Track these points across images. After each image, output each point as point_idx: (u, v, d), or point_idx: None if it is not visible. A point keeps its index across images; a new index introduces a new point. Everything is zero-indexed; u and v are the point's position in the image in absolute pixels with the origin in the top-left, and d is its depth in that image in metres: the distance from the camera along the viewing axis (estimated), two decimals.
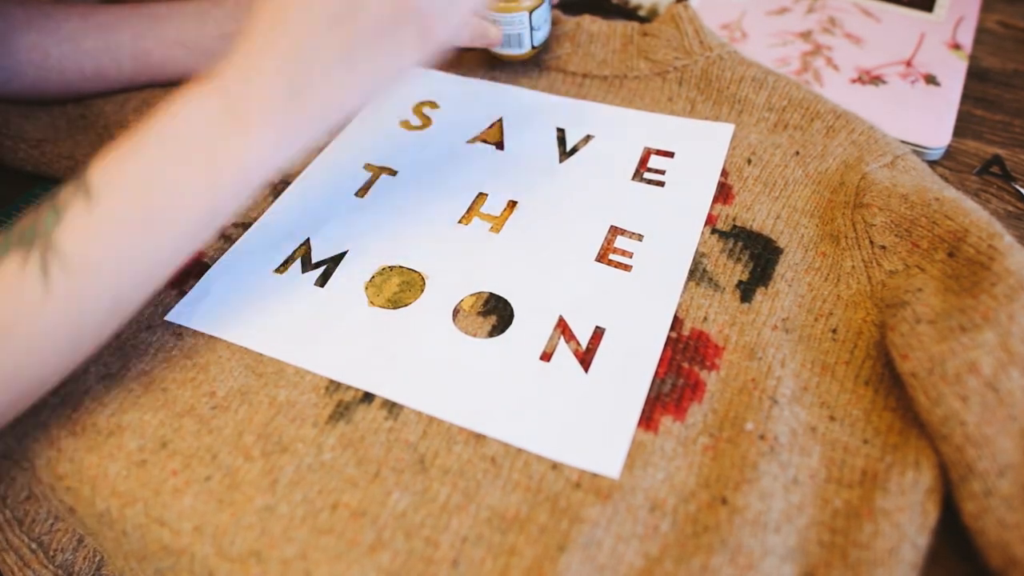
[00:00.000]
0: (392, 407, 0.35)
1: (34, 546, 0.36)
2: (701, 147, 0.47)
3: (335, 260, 0.42)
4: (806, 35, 0.59)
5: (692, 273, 0.40)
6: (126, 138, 0.31)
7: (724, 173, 0.46)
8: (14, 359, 0.29)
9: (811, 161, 0.45)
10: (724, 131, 0.48)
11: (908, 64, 0.56)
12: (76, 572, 0.36)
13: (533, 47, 0.52)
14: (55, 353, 0.30)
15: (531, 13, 0.50)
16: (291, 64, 0.32)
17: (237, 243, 0.44)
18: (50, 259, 0.29)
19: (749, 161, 0.46)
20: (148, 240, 0.31)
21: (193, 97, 0.32)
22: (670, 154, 0.47)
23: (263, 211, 0.46)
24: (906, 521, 0.30)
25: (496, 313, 0.39)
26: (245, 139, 0.32)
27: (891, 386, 0.35)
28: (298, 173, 0.48)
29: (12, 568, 0.36)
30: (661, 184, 0.45)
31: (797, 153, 0.46)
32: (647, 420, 0.34)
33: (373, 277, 0.41)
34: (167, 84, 0.55)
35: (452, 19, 0.34)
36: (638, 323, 0.38)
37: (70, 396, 0.36)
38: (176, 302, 0.41)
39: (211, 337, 0.39)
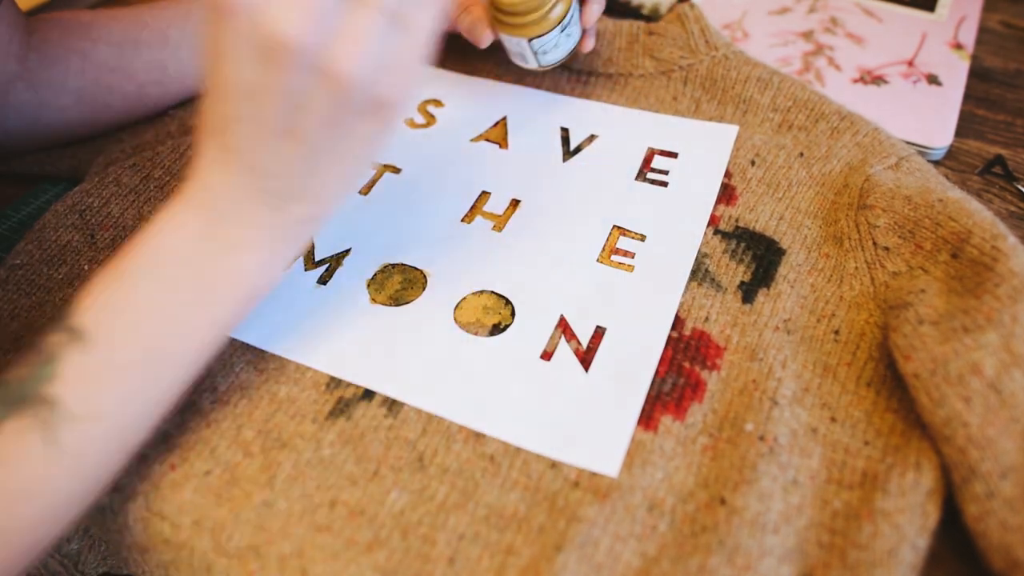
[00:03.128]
0: (392, 404, 0.35)
1: None
2: (705, 148, 0.47)
3: (338, 257, 0.42)
4: (808, 35, 0.59)
5: (694, 273, 0.40)
6: (109, 270, 0.29)
7: (727, 174, 0.45)
8: (31, 524, 0.27)
9: (815, 162, 0.45)
10: (728, 132, 0.48)
11: (910, 64, 0.56)
12: (82, 562, 0.36)
13: (540, 66, 0.48)
14: (67, 506, 0.28)
15: (531, 40, 0.45)
16: (260, 180, 0.29)
17: None
18: (52, 417, 0.27)
19: (753, 163, 0.46)
20: (150, 376, 0.29)
21: (172, 220, 0.30)
22: (674, 154, 0.47)
23: None
24: (906, 522, 0.30)
25: (497, 312, 0.39)
26: (237, 258, 0.30)
27: (893, 388, 0.35)
28: None
29: None
30: (664, 184, 0.45)
31: (801, 154, 0.46)
32: (647, 419, 0.34)
33: (375, 274, 0.41)
34: None
35: (399, 86, 0.29)
36: (639, 323, 0.38)
37: None
38: None
39: None
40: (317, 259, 0.42)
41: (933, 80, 0.54)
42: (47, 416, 0.27)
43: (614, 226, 0.43)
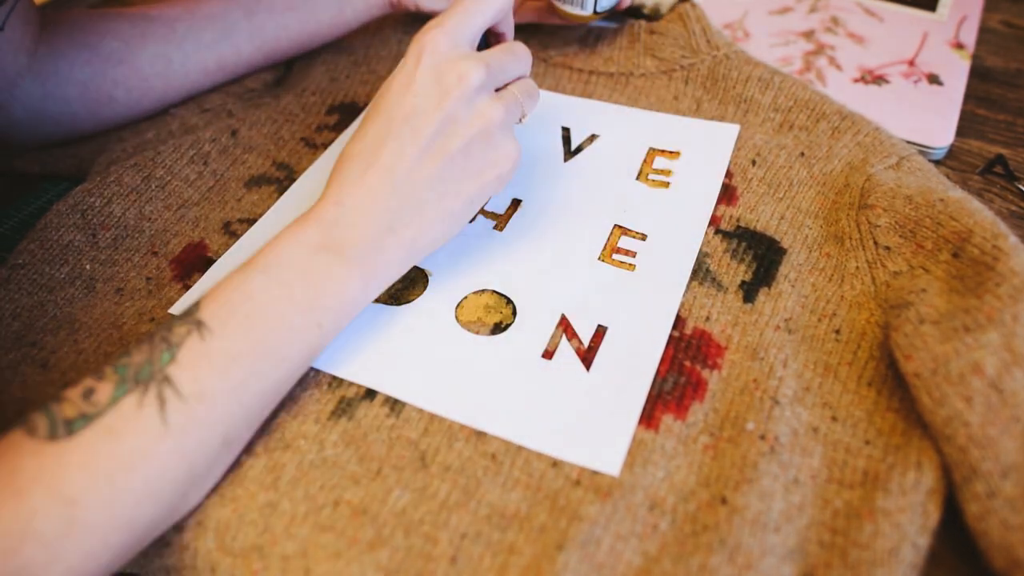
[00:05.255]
0: (394, 404, 0.35)
1: None
2: (706, 147, 0.47)
3: None
4: (809, 34, 0.59)
5: (695, 273, 0.40)
6: (235, 271, 0.32)
7: (728, 174, 0.45)
8: (133, 497, 0.28)
9: (816, 162, 0.45)
10: (729, 132, 0.48)
11: (911, 63, 0.56)
12: None
13: (596, 12, 0.50)
14: (171, 491, 0.29)
15: None
16: (387, 197, 0.34)
17: (242, 239, 0.44)
18: (166, 393, 0.29)
19: (753, 162, 0.46)
20: (258, 370, 0.31)
21: (293, 229, 0.33)
22: (675, 154, 0.47)
23: (268, 207, 0.46)
24: (907, 521, 0.30)
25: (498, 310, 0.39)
26: (345, 270, 0.33)
27: (894, 387, 0.35)
28: (303, 170, 0.48)
29: None
30: (666, 184, 0.45)
31: (802, 154, 0.46)
32: (648, 418, 0.34)
33: None
34: (280, 64, 0.55)
35: (515, 147, 0.37)
36: (641, 322, 0.38)
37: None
38: (180, 296, 0.41)
39: None
40: None
41: (934, 80, 0.54)
42: (163, 393, 0.29)
43: (615, 225, 0.43)
